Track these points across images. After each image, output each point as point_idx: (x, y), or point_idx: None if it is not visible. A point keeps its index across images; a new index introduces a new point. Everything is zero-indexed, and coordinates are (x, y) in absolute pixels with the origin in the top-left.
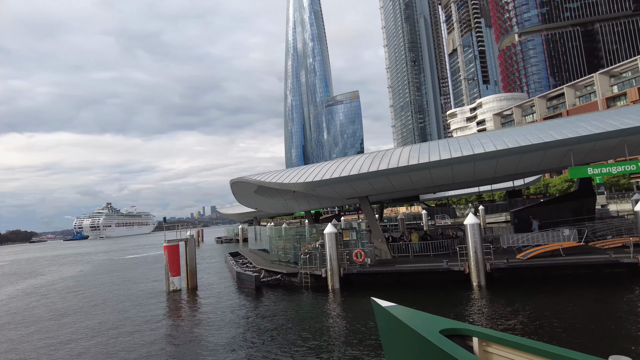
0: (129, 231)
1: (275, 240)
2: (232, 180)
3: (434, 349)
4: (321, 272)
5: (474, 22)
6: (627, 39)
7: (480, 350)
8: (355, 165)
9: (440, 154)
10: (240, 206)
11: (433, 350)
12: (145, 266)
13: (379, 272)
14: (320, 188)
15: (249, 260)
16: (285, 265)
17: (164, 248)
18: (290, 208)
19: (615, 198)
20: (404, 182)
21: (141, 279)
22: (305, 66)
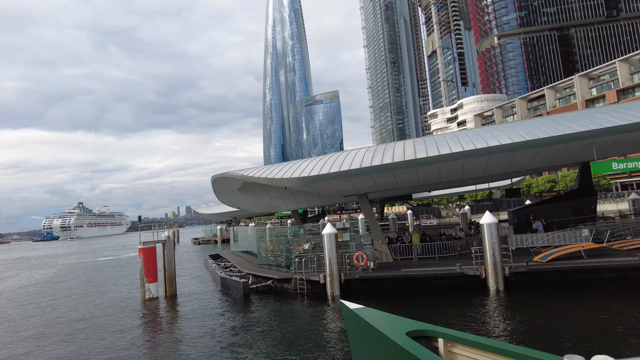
0: (101, 232)
1: (264, 242)
2: (214, 176)
3: (400, 350)
4: (319, 278)
5: (453, 24)
6: (601, 44)
7: (445, 351)
8: (356, 159)
9: (451, 147)
10: (218, 206)
11: (399, 351)
12: (118, 270)
13: (384, 277)
14: (317, 184)
15: (232, 263)
16: (276, 270)
17: (139, 251)
18: (276, 207)
19: (599, 198)
20: (409, 177)
21: (113, 285)
22: (284, 65)
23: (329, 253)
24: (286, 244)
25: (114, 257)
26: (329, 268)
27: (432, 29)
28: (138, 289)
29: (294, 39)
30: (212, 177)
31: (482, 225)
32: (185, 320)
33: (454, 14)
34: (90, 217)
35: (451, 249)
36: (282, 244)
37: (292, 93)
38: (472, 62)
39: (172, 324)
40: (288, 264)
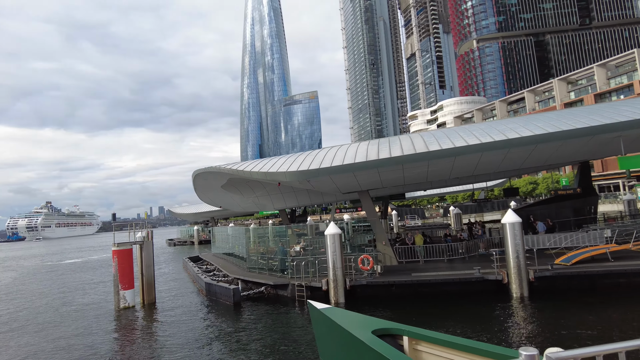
0: (70, 232)
1: (254, 244)
2: (196, 171)
3: (365, 349)
4: (321, 284)
5: (432, 27)
6: (575, 51)
7: (410, 348)
8: (359, 152)
9: (466, 140)
10: (194, 205)
11: (365, 350)
12: (87, 274)
13: (393, 282)
14: (317, 179)
15: (215, 266)
16: (268, 275)
17: (113, 253)
18: (262, 206)
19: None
20: (419, 172)
21: (82, 291)
22: (263, 64)
23: (333, 256)
24: (281, 245)
25: (83, 259)
26: (332, 273)
27: (411, 32)
28: (111, 297)
29: (273, 38)
30: (194, 172)
31: (505, 224)
32: (168, 333)
33: (433, 17)
34: (59, 217)
35: (455, 251)
36: (277, 246)
37: (270, 92)
38: (450, 66)
39: (152, 338)
40: (283, 268)
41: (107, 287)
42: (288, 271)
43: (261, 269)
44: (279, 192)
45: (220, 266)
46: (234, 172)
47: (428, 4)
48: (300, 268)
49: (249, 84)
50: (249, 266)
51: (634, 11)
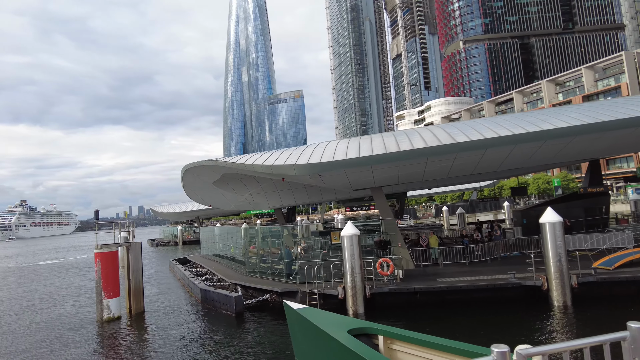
0: (47, 231)
1: (253, 245)
2: (187, 165)
3: (341, 348)
4: (337, 291)
5: (418, 28)
6: (558, 54)
7: (385, 347)
8: (376, 144)
9: (497, 131)
10: (178, 204)
11: (341, 349)
12: (65, 277)
13: (418, 289)
14: (330, 172)
15: (207, 269)
16: (272, 280)
17: (96, 256)
18: (256, 205)
19: None
20: (441, 167)
21: (60, 298)
22: (247, 61)
23: (351, 260)
24: (286, 247)
25: (61, 260)
26: (350, 279)
27: (397, 33)
28: (93, 305)
29: (258, 35)
30: (184, 167)
31: (544, 224)
32: (161, 350)
33: (419, 18)
34: (34, 215)
35: (472, 253)
36: (282, 247)
37: (254, 90)
38: (435, 67)
39: (143, 356)
40: (289, 272)
41: (88, 293)
42: (296, 276)
43: (263, 273)
44: (274, 190)
45: (214, 270)
46: (234, 165)
47: (414, 5)
48: (312, 273)
49: (232, 82)
50: (249, 270)
51: (614, 17)
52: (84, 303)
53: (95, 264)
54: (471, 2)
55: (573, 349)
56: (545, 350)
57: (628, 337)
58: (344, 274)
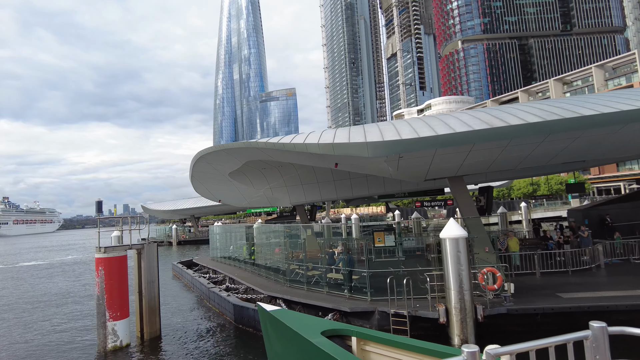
0: (29, 229)
1: (295, 248)
2: (204, 151)
3: (314, 350)
4: (437, 313)
5: (414, 28)
6: (556, 56)
7: (358, 348)
8: (469, 120)
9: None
10: (171, 202)
11: (314, 351)
12: (52, 283)
13: (541, 310)
14: (415, 152)
15: (225, 276)
16: (326, 294)
17: (97, 263)
18: (275, 200)
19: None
20: (554, 147)
21: (45, 314)
22: (239, 58)
23: (458, 271)
24: (333, 250)
25: (45, 261)
26: (457, 297)
27: (392, 32)
28: (93, 327)
29: (250, 31)
30: (199, 152)
31: None
32: None
33: (414, 17)
34: (17, 213)
35: (576, 259)
36: (343, 252)
37: (246, 88)
38: (430, 67)
39: None
40: (360, 285)
41: (85, 307)
42: (368, 290)
43: (313, 286)
44: (298, 184)
45: (236, 276)
46: (278, 147)
47: (410, 4)
48: (393, 286)
49: (223, 79)
50: (291, 279)
51: (612, 19)
52: (81, 322)
53: (96, 274)
54: (470, 2)
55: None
56: (512, 350)
57: (590, 336)
58: (447, 289)
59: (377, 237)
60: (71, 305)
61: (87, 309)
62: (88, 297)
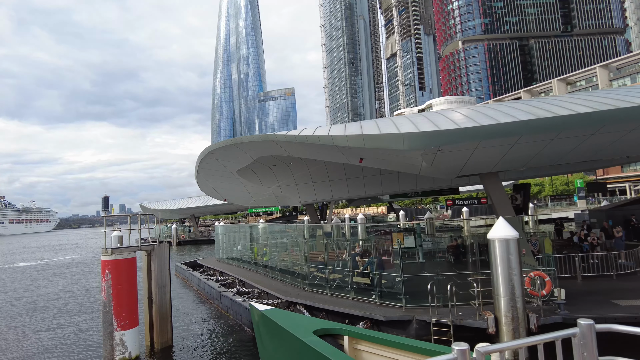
0: (25, 229)
1: (315, 249)
2: (215, 145)
3: (306, 349)
4: (486, 323)
5: (413, 28)
6: (556, 57)
7: (350, 347)
8: (518, 110)
9: None
10: (170, 202)
11: (306, 350)
12: (51, 287)
13: (600, 319)
14: (456, 145)
15: (234, 278)
16: (353, 300)
17: (104, 266)
18: (284, 199)
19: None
20: (602, 141)
21: (43, 321)
22: (238, 57)
23: (509, 275)
24: (369, 254)
25: (41, 261)
26: (507, 304)
27: (392, 32)
28: (98, 337)
29: (249, 30)
30: (208, 147)
31: None
32: None
33: (414, 18)
34: (13, 212)
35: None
36: (348, 253)
37: (244, 87)
38: (430, 68)
39: None
40: (385, 289)
41: (88, 314)
42: (403, 297)
43: (336, 291)
44: (309, 182)
45: (248, 279)
46: (300, 140)
47: (410, 5)
48: (432, 291)
49: (222, 78)
50: (310, 283)
51: (612, 21)
52: (82, 331)
53: (102, 278)
54: (471, 2)
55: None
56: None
57: (578, 334)
58: (495, 296)
59: (397, 238)
60: (72, 311)
61: (91, 316)
62: (91, 302)
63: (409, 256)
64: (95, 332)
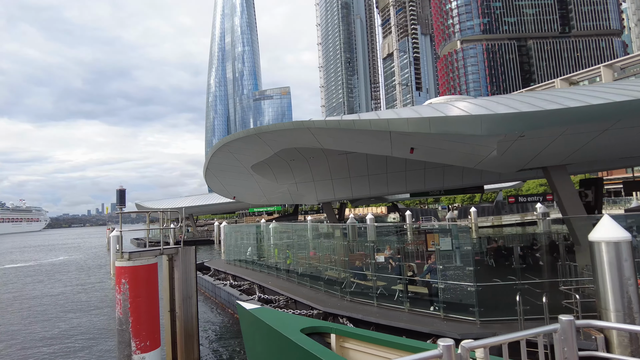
0: (15, 228)
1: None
2: (231, 136)
3: (294, 347)
4: (595, 344)
5: (410, 28)
6: (554, 58)
7: (337, 345)
8: (609, 93)
9: None
10: (167, 201)
11: (293, 348)
12: (49, 296)
13: None
14: (542, 129)
15: (253, 282)
16: (408, 312)
17: (119, 274)
18: (299, 197)
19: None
20: None
21: (42, 329)
22: (233, 55)
23: (622, 285)
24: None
25: (33, 263)
26: (620, 320)
27: (389, 31)
28: (109, 354)
29: (245, 28)
30: (222, 140)
31: None
32: None
33: (411, 18)
34: (2, 211)
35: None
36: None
37: (239, 86)
38: (427, 68)
39: None
40: (454, 300)
41: (96, 331)
42: (476, 310)
43: (380, 298)
44: (328, 179)
45: (271, 285)
46: (347, 125)
47: (407, 4)
48: (517, 304)
49: (216, 76)
50: (351, 290)
51: (610, 22)
52: (83, 344)
53: (117, 288)
54: (469, 1)
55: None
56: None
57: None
58: (603, 311)
59: (431, 239)
60: (80, 328)
61: (100, 333)
62: (98, 315)
63: (446, 259)
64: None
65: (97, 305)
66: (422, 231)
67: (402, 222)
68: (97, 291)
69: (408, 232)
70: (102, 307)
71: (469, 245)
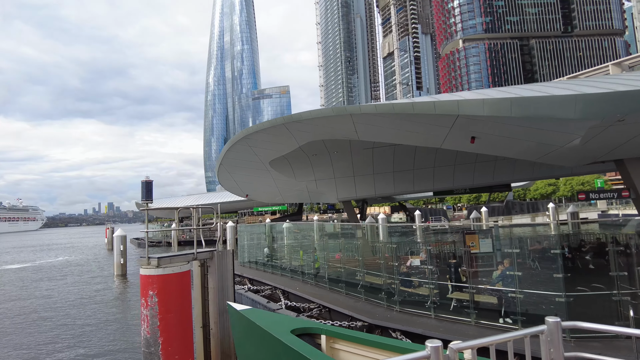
0: (12, 227)
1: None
2: (255, 127)
3: (284, 348)
4: None
5: (411, 27)
6: (557, 57)
7: (327, 346)
8: None
9: None
10: (168, 200)
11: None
12: (47, 293)
13: None
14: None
15: (275, 287)
16: (475, 326)
17: (144, 284)
18: (318, 195)
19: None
20: None
21: (48, 341)
22: (232, 54)
23: None
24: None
25: (29, 264)
26: None
27: (389, 31)
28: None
29: (244, 27)
30: (243, 132)
31: None
32: None
33: (412, 17)
34: None
35: None
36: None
37: (238, 84)
38: (427, 67)
39: None
40: (528, 311)
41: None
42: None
43: (439, 309)
44: (350, 175)
45: (298, 291)
46: (406, 109)
47: (408, 3)
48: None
49: (215, 75)
50: (402, 300)
51: (613, 22)
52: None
53: (143, 302)
54: (472, 0)
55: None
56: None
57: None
58: None
59: (470, 240)
60: (71, 325)
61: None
62: (111, 329)
63: (484, 261)
64: None
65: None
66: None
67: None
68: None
69: (448, 232)
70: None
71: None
